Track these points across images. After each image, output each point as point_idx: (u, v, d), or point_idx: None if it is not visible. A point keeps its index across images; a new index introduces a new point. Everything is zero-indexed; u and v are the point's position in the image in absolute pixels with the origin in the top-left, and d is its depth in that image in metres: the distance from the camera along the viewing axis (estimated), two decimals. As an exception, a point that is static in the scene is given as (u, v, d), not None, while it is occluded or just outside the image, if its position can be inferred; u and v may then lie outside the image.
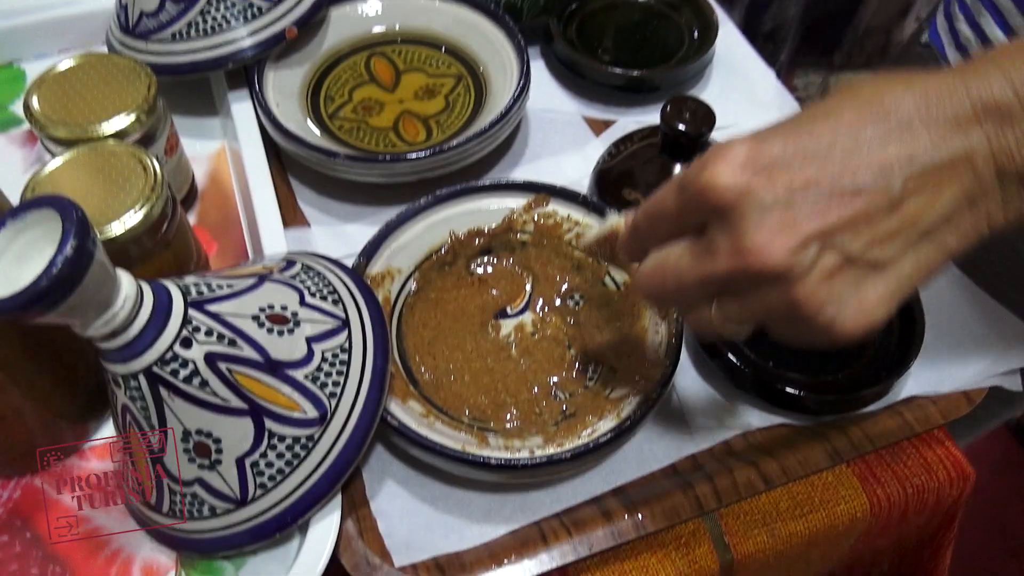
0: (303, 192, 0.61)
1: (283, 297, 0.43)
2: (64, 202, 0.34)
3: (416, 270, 0.53)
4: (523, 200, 0.54)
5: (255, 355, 0.40)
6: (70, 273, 0.32)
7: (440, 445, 0.43)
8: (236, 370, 0.39)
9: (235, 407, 0.39)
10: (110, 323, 0.36)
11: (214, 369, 0.39)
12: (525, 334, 0.52)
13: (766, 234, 0.29)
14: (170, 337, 0.38)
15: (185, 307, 0.39)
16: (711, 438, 0.49)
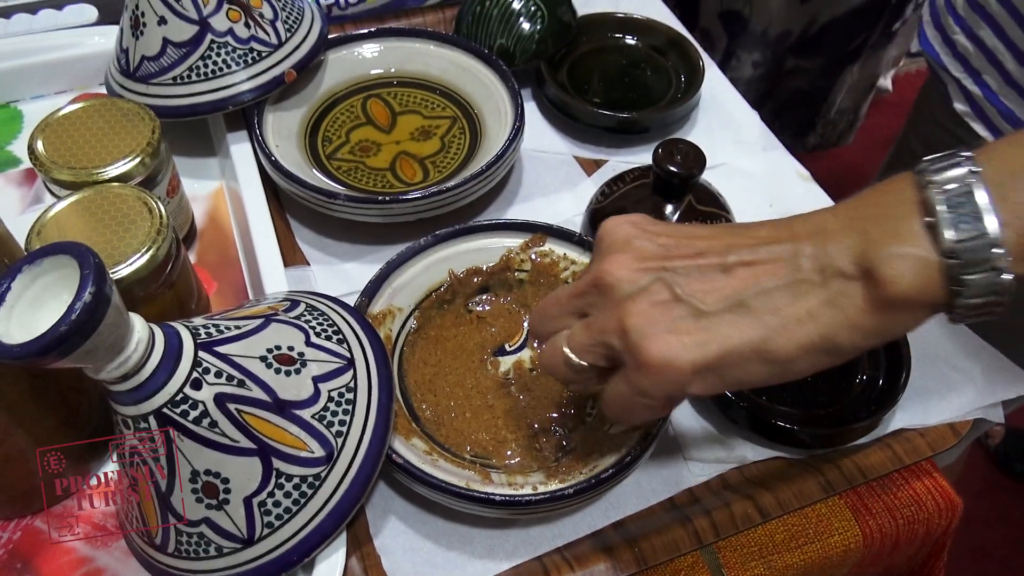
0: (301, 231, 0.62)
1: (289, 337, 0.44)
2: (81, 248, 0.34)
3: (416, 308, 0.54)
4: (520, 239, 0.55)
5: (263, 395, 0.40)
6: (88, 319, 0.33)
7: (445, 482, 0.43)
8: (245, 411, 0.40)
9: (244, 447, 0.40)
10: (123, 366, 0.37)
11: (223, 410, 0.39)
12: (523, 371, 0.53)
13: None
14: (181, 379, 0.38)
15: (195, 349, 0.39)
16: (707, 471, 0.50)
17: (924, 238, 0.32)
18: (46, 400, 0.43)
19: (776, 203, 0.65)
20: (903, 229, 0.33)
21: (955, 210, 0.31)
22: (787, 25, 0.86)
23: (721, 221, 0.57)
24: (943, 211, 0.32)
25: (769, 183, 0.66)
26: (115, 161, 0.51)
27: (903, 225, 0.33)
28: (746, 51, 0.90)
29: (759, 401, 0.51)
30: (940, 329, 0.56)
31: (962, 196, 0.32)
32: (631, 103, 0.70)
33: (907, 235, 0.32)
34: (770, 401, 0.52)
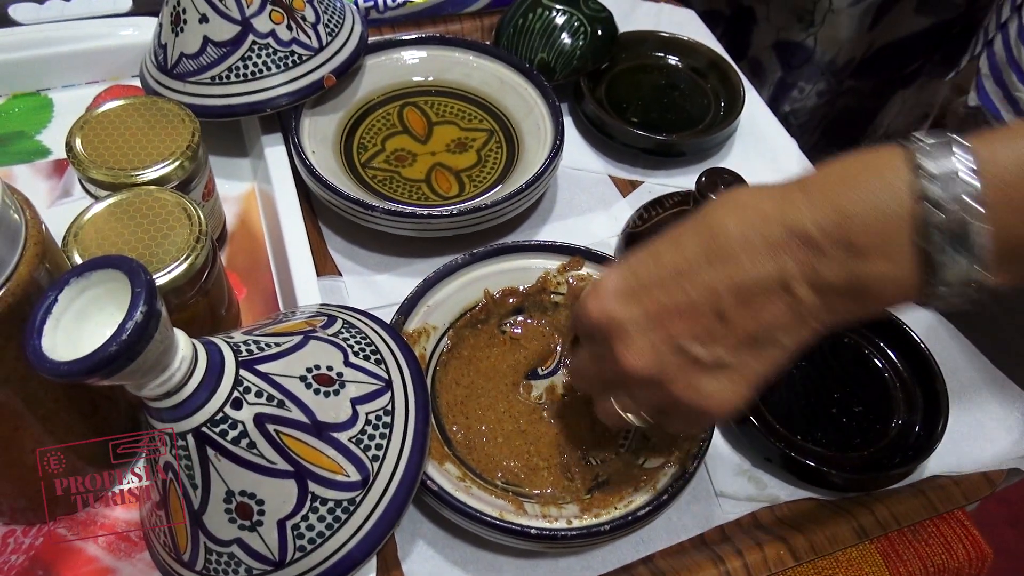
0: (333, 240, 0.61)
1: (328, 357, 0.43)
2: (132, 265, 0.33)
3: (450, 328, 0.53)
4: (558, 262, 0.55)
5: (303, 417, 0.39)
6: (138, 339, 0.32)
7: (479, 512, 0.43)
8: (284, 432, 0.39)
9: (281, 469, 0.39)
10: (166, 384, 0.36)
11: (262, 431, 0.38)
12: (556, 396, 0.52)
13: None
14: (222, 398, 0.37)
15: (236, 367, 0.38)
16: (739, 509, 0.50)
17: (917, 268, 0.32)
18: (79, 409, 0.42)
19: None
20: (896, 254, 0.32)
21: (952, 244, 0.31)
22: (853, 53, 0.85)
23: None
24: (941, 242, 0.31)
25: None
26: (154, 163, 0.50)
27: (895, 247, 0.32)
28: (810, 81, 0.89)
29: (793, 440, 0.51)
30: (977, 375, 0.55)
31: (960, 230, 0.31)
32: (668, 125, 0.69)
33: (900, 260, 0.32)
34: (804, 440, 0.51)
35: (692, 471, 0.45)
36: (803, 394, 0.53)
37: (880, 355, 0.55)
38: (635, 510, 0.43)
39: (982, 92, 0.64)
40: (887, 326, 0.55)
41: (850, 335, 0.56)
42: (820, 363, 0.55)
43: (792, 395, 0.53)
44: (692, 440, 0.47)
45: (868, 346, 0.56)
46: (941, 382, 0.52)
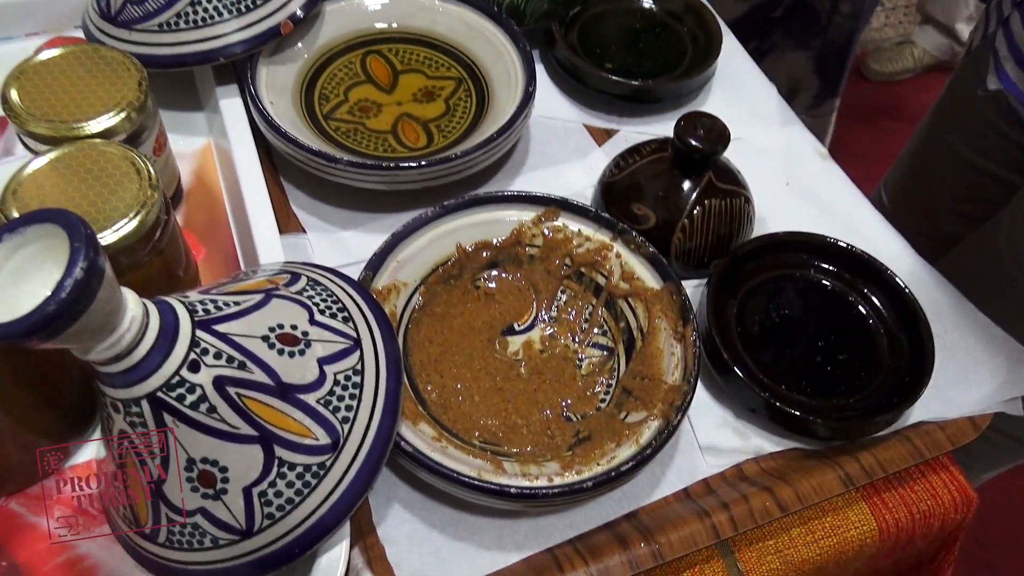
0: (296, 196, 0.59)
1: (292, 315, 0.41)
2: (71, 218, 0.31)
3: (422, 283, 0.51)
4: (532, 213, 0.53)
5: (266, 379, 0.38)
6: (79, 297, 0.30)
7: (456, 472, 0.41)
8: (246, 395, 0.37)
9: (244, 434, 0.37)
10: (114, 347, 0.34)
11: (223, 394, 0.36)
12: (533, 352, 0.51)
13: None
14: (177, 360, 0.35)
15: (193, 328, 0.36)
16: (724, 461, 0.49)
17: None
18: (25, 377, 0.40)
19: (793, 182, 0.63)
20: None
21: None
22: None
23: (740, 200, 0.55)
24: None
25: (786, 160, 0.64)
26: (98, 115, 0.47)
27: None
28: None
29: (778, 390, 0.50)
30: (962, 320, 0.55)
31: None
32: (644, 70, 0.67)
33: None
34: (789, 390, 0.50)
35: (675, 424, 0.44)
36: (787, 343, 0.53)
37: (864, 301, 0.55)
38: (618, 465, 0.43)
39: (1003, 76, 0.62)
40: (871, 272, 0.54)
41: (833, 282, 0.55)
42: (804, 311, 0.54)
43: (776, 344, 0.53)
44: (675, 392, 0.45)
45: (852, 292, 0.55)
46: (926, 327, 0.51)
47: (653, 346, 0.49)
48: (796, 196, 0.62)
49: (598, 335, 0.52)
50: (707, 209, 0.54)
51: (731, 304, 0.54)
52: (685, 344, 0.48)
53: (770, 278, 0.55)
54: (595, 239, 0.53)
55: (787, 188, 0.63)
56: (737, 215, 0.55)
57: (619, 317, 0.52)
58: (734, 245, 0.56)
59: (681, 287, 0.49)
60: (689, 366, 0.46)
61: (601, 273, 0.52)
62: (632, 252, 0.52)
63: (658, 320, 0.49)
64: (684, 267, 0.56)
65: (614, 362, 0.51)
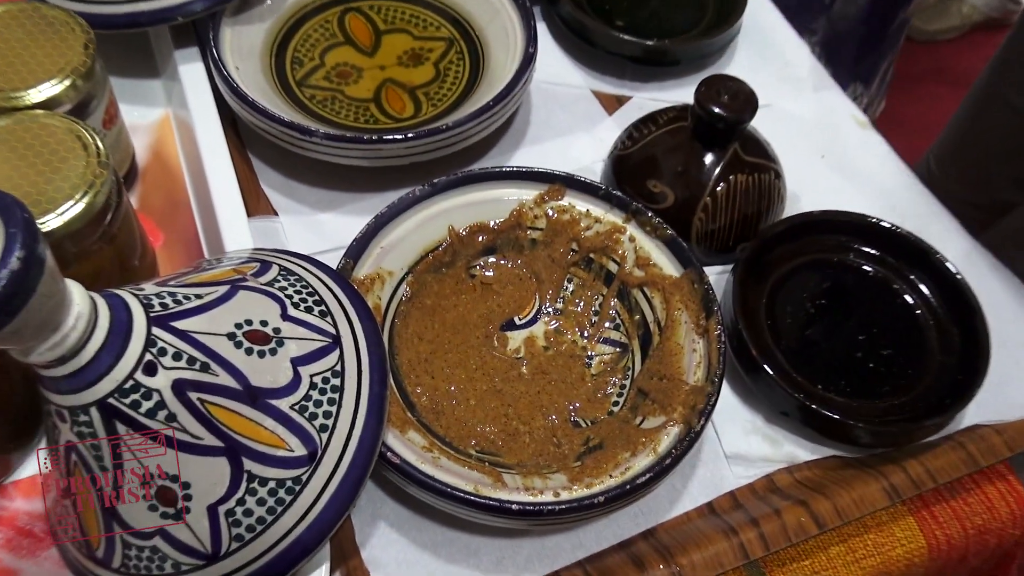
0: (267, 174, 0.59)
1: (262, 309, 0.40)
2: (5, 200, 0.30)
3: (409, 272, 0.51)
4: (534, 191, 0.53)
5: (232, 382, 0.37)
6: (16, 291, 0.29)
7: (450, 486, 0.41)
8: (210, 400, 0.37)
9: (208, 445, 0.37)
10: (58, 347, 0.33)
11: (183, 400, 0.36)
12: (537, 349, 0.51)
13: None
14: (131, 362, 0.35)
15: (148, 325, 0.36)
16: (752, 472, 0.49)
17: None
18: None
19: (829, 154, 0.63)
20: None
21: None
22: None
23: (770, 175, 0.55)
24: None
25: (821, 129, 0.64)
26: (39, 83, 0.47)
27: None
28: None
29: (813, 390, 0.50)
30: (1021, 309, 0.54)
31: None
32: (660, 28, 0.66)
33: None
34: (826, 390, 0.50)
35: (698, 430, 0.44)
36: (823, 336, 0.53)
37: (911, 289, 0.54)
38: (633, 477, 0.42)
39: None
40: (918, 255, 0.54)
41: (876, 267, 0.55)
42: (842, 301, 0.54)
43: (811, 338, 0.52)
44: (697, 394, 0.45)
45: (897, 279, 0.55)
46: (981, 318, 0.51)
47: (672, 342, 0.48)
48: (833, 170, 0.62)
49: (610, 329, 0.52)
50: (732, 186, 0.54)
51: (760, 293, 0.53)
52: (708, 339, 0.47)
53: (804, 263, 0.55)
54: (606, 220, 0.52)
55: (822, 161, 0.63)
56: (766, 192, 0.55)
57: (633, 309, 0.51)
58: (763, 226, 0.55)
59: (703, 274, 0.49)
60: (713, 364, 0.46)
61: (613, 259, 0.52)
62: (648, 235, 0.52)
63: (678, 312, 0.49)
64: (707, 252, 0.55)
65: (628, 360, 0.50)
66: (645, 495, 0.45)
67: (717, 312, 0.48)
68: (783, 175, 0.56)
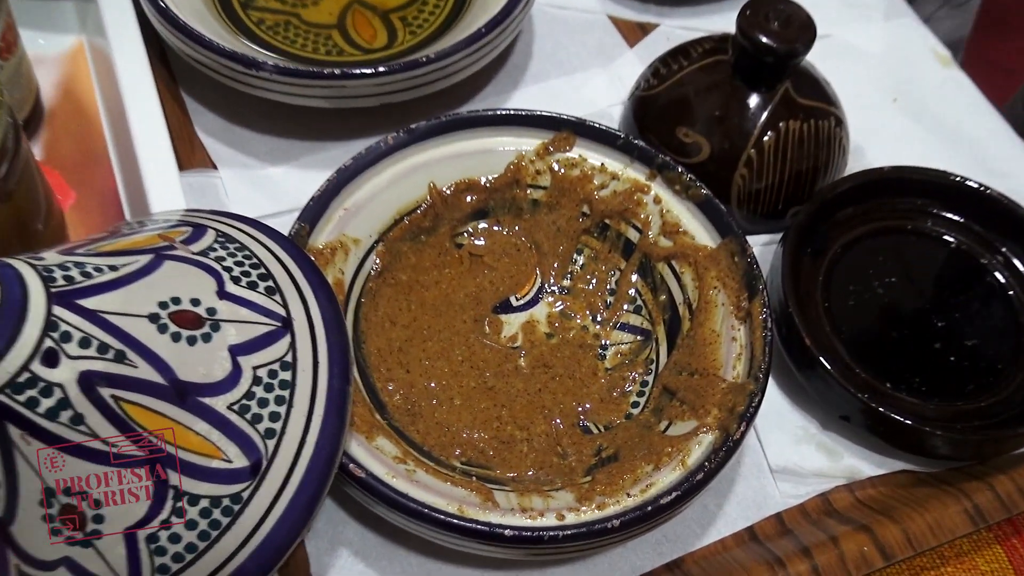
0: (204, 118, 0.59)
1: (193, 285, 0.40)
2: None
3: (380, 240, 0.51)
4: (536, 140, 0.53)
5: (154, 375, 0.37)
6: None
7: (429, 507, 0.41)
8: (126, 398, 0.36)
9: (124, 454, 0.36)
10: (-68, 330, 0.33)
11: (93, 398, 0.36)
12: (538, 337, 0.51)
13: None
14: (25, 350, 0.35)
15: (48, 303, 0.36)
16: (803, 490, 0.49)
17: None
18: None
19: (903, 96, 0.63)
20: None
21: None
22: None
23: (829, 122, 0.55)
24: None
25: (893, 66, 0.64)
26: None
27: None
28: None
29: (881, 389, 0.49)
30: None
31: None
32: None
33: None
34: (896, 390, 0.50)
35: (737, 438, 0.43)
36: (894, 323, 0.53)
37: (1003, 265, 0.54)
38: (656, 496, 0.42)
39: None
40: (1013, 223, 0.54)
41: (960, 237, 0.55)
42: (918, 278, 0.54)
43: (878, 325, 0.52)
44: (737, 393, 0.45)
45: (986, 253, 0.55)
46: (1089, 301, 0.51)
47: (706, 328, 0.48)
48: (907, 116, 0.62)
49: (628, 313, 0.52)
50: (783, 135, 0.53)
51: (816, 269, 0.53)
52: (751, 325, 0.47)
53: (870, 232, 0.55)
54: (625, 177, 0.52)
55: (894, 105, 0.63)
56: (824, 143, 0.54)
57: (658, 287, 0.51)
58: (820, 185, 0.55)
59: (746, 245, 0.49)
60: (756, 356, 0.46)
61: (633, 225, 0.52)
62: (677, 195, 0.51)
63: (713, 291, 0.49)
64: (750, 217, 0.56)
65: (651, 351, 0.50)
66: (671, 518, 0.44)
67: (762, 292, 0.47)
68: (845, 122, 0.56)
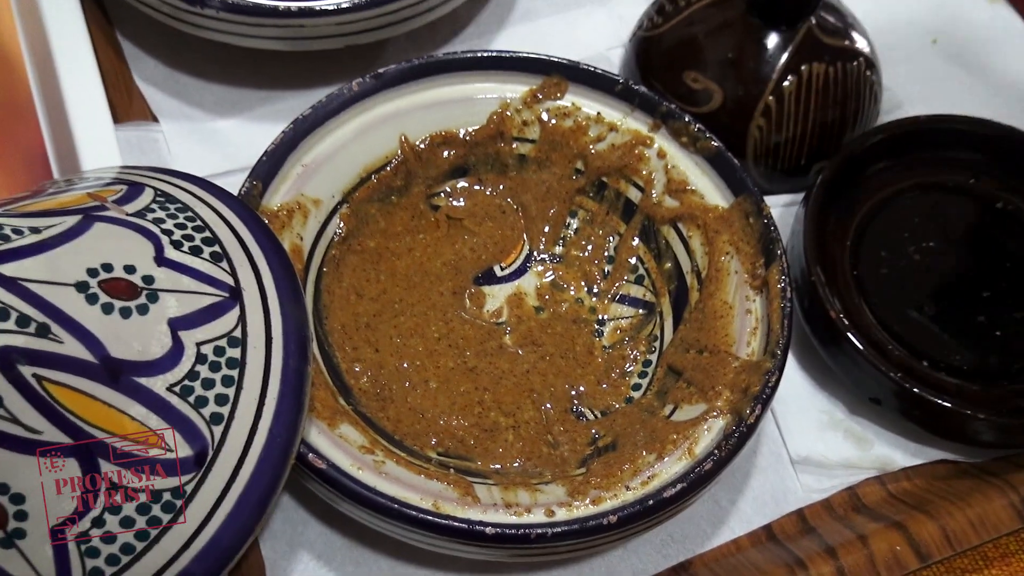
0: (143, 63, 0.59)
1: (128, 249, 0.40)
2: None
3: (344, 202, 0.51)
4: (522, 87, 0.53)
5: (83, 352, 0.37)
6: None
7: (400, 502, 0.41)
8: (50, 378, 0.37)
9: (49, 441, 0.37)
10: None
11: (12, 377, 0.36)
12: (526, 311, 0.51)
13: None
14: (-68, 322, 0.35)
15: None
16: (828, 483, 0.49)
17: None
18: None
19: (944, 37, 0.63)
20: None
21: None
22: None
23: (858, 65, 0.55)
24: None
25: (933, 2, 0.65)
26: None
27: None
28: None
29: (917, 367, 0.50)
30: None
31: None
32: None
33: None
34: (934, 368, 0.50)
35: (752, 423, 0.43)
36: (932, 294, 0.53)
37: None
38: (659, 489, 0.42)
39: None
40: None
41: (1008, 196, 0.55)
42: (959, 245, 0.54)
43: (914, 296, 0.52)
44: (752, 372, 0.45)
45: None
46: None
47: (717, 299, 0.48)
48: (949, 59, 0.63)
49: (629, 283, 0.52)
50: (805, 79, 0.54)
51: (843, 232, 0.54)
52: (768, 295, 0.47)
53: (906, 190, 0.56)
54: (624, 129, 0.52)
55: (934, 47, 0.63)
56: (853, 89, 0.55)
57: (663, 254, 0.51)
58: (848, 137, 0.55)
59: (763, 204, 0.49)
60: (774, 331, 0.46)
61: (635, 184, 0.52)
62: (684, 149, 0.51)
63: (725, 258, 0.49)
64: (768, 174, 0.56)
65: (654, 326, 0.51)
66: (676, 515, 0.44)
67: (782, 258, 0.47)
68: (878, 65, 0.56)
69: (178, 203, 0.44)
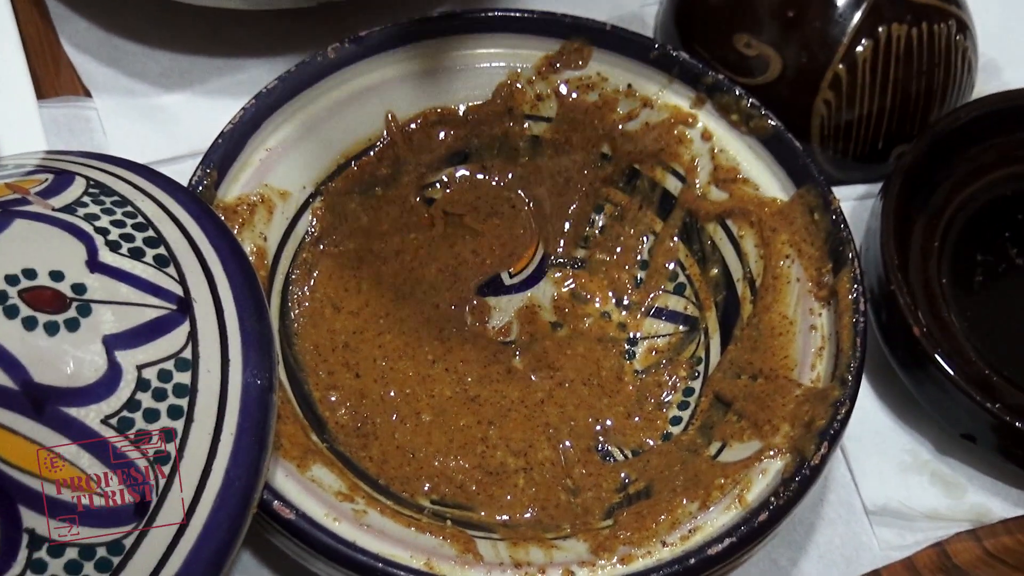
0: (70, 25, 0.60)
1: (54, 252, 0.41)
2: None
3: (318, 194, 0.51)
4: (535, 52, 0.53)
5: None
6: None
7: (384, 561, 0.41)
8: None
9: None
10: None
11: None
12: (540, 327, 0.52)
13: None
14: None
15: None
16: (911, 538, 0.49)
17: None
18: None
19: None
20: None
21: None
22: None
23: (949, 26, 0.55)
24: None
25: None
26: None
27: None
28: None
29: (1020, 397, 0.50)
30: None
31: None
32: None
33: None
34: None
35: (816, 464, 0.43)
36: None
37: None
38: (703, 545, 0.42)
39: None
40: None
41: None
42: None
43: (1017, 310, 0.53)
44: (817, 402, 0.45)
45: None
46: None
47: (775, 313, 0.49)
48: None
49: (667, 294, 0.52)
50: (883, 44, 0.54)
51: (931, 232, 0.54)
52: (837, 309, 0.47)
53: (1006, 180, 0.56)
54: (661, 104, 0.52)
55: None
56: (942, 56, 0.55)
57: (708, 258, 0.52)
58: (936, 116, 0.55)
59: (831, 197, 0.49)
60: (844, 352, 0.46)
61: (674, 172, 0.52)
62: (734, 129, 0.52)
63: (785, 262, 0.49)
64: (838, 159, 0.56)
65: (698, 346, 0.51)
66: (722, 574, 0.44)
67: (853, 262, 0.47)
68: (972, 27, 0.57)
69: (116, 196, 0.44)
